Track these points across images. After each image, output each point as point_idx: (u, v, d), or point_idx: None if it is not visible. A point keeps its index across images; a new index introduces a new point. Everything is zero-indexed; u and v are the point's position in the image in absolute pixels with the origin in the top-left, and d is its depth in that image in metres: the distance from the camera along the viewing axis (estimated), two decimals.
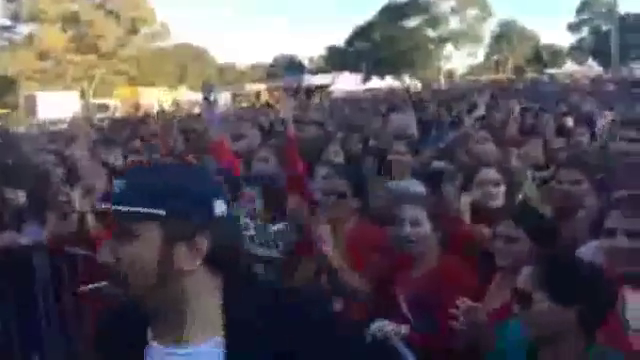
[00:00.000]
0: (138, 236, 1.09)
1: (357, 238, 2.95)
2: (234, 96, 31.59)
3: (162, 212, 1.09)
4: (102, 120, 18.11)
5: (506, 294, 2.33)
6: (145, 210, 1.09)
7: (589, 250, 2.36)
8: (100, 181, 3.91)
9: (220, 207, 1.14)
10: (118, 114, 24.49)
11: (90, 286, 3.20)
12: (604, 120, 6.06)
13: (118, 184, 1.13)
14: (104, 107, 29.42)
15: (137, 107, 19.64)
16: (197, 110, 21.14)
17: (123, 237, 1.10)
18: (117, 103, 29.86)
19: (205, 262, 1.12)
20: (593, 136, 4.29)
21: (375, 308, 2.71)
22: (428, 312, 2.54)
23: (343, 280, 2.79)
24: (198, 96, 33.87)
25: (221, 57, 60.01)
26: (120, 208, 1.09)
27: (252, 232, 3.05)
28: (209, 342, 1.13)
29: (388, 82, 33.22)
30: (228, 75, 52.37)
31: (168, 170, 1.20)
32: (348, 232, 2.98)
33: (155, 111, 19.00)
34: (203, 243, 1.11)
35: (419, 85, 30.44)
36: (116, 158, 5.09)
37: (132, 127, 9.08)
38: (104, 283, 2.38)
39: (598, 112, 6.81)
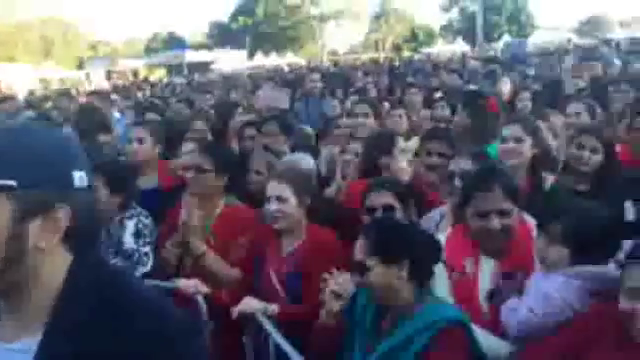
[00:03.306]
0: None
1: (225, 220, 2.88)
2: (108, 73, 29.62)
3: (13, 183, 0.93)
4: None
5: None
6: None
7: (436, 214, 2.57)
8: None
9: (81, 179, 1.00)
10: None
11: None
12: None
13: None
14: None
15: None
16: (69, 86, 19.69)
17: None
18: None
19: (64, 240, 0.99)
20: (455, 109, 4.55)
21: (246, 288, 2.66)
22: (298, 287, 2.53)
23: (208, 264, 2.73)
24: (66, 73, 31.52)
25: (93, 32, 55.91)
26: None
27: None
28: (29, 339, 0.98)
29: (273, 60, 33.03)
30: (101, 51, 49.04)
31: (16, 133, 1.01)
32: (216, 215, 2.91)
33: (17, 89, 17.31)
34: (62, 217, 0.97)
35: (302, 62, 30.62)
36: None
37: None
38: None
39: (466, 87, 7.24)
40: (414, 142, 4.02)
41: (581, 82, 6.96)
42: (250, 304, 2.41)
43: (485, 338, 1.87)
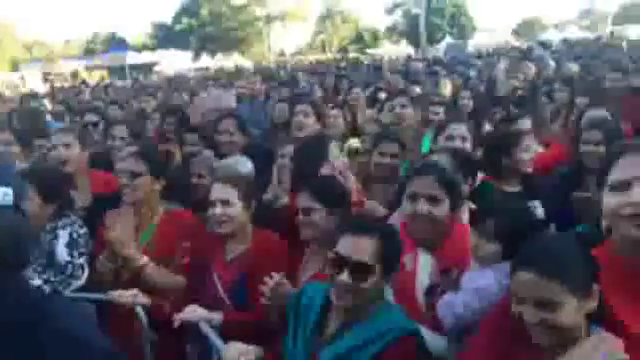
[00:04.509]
0: None
1: (165, 226, 2.78)
2: (45, 75, 28.33)
3: None
4: None
5: (317, 264, 2.37)
6: None
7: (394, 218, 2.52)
8: None
9: (4, 196, 0.96)
10: None
11: None
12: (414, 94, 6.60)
13: None
14: None
15: None
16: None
17: None
18: None
19: None
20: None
21: (189, 295, 2.58)
22: (244, 293, 2.48)
23: (148, 275, 2.62)
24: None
25: (29, 32, 53.51)
26: None
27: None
28: None
29: (218, 61, 32.58)
30: (37, 52, 46.99)
31: None
32: (156, 222, 2.80)
33: None
34: None
35: (249, 63, 30.36)
36: None
37: None
38: None
39: (410, 87, 7.38)
40: (355, 142, 4.04)
41: (516, 82, 7.21)
42: (194, 312, 2.32)
43: (427, 335, 1.87)
